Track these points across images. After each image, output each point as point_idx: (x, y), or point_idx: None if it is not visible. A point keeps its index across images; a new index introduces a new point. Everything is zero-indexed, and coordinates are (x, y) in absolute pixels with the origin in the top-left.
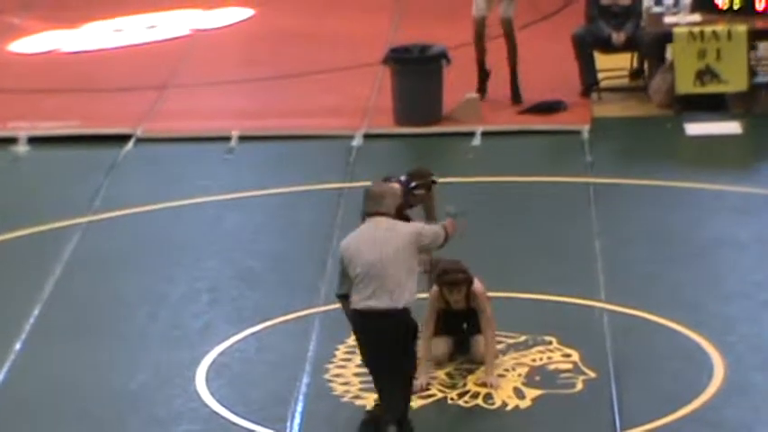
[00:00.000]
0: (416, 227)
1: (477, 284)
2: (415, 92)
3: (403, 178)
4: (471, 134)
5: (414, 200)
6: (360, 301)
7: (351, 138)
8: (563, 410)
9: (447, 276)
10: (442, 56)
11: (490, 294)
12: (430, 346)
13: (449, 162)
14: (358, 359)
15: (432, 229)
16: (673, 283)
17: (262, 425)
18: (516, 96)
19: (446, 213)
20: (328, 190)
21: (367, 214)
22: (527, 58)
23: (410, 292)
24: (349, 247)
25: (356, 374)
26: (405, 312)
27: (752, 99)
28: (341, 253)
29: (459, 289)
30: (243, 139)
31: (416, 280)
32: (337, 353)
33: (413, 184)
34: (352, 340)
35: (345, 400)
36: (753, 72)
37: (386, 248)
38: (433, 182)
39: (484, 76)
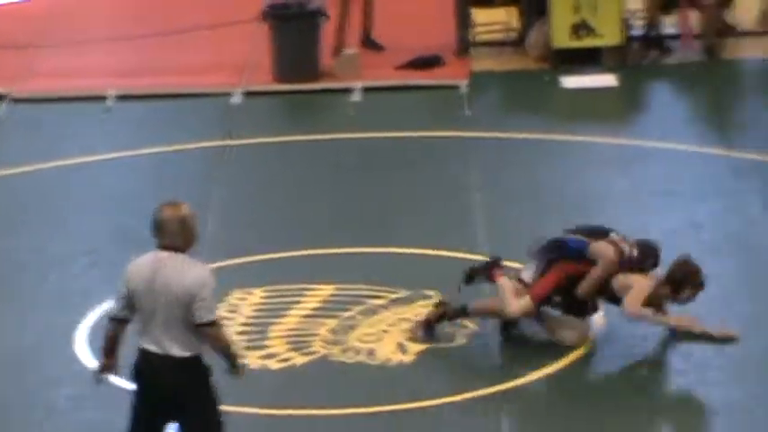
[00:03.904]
0: (210, 284)
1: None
2: (293, 48)
3: (636, 254)
4: (351, 90)
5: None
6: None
7: (230, 95)
8: (446, 364)
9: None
10: (320, 11)
11: (369, 250)
12: None
13: (329, 118)
14: (240, 318)
15: (213, 306)
16: (551, 235)
17: None
18: (372, 43)
19: None
20: (208, 148)
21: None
22: (407, 13)
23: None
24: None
25: (238, 333)
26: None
27: (626, 52)
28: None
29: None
30: (120, 98)
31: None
32: (219, 312)
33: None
34: (233, 299)
35: None
36: (627, 25)
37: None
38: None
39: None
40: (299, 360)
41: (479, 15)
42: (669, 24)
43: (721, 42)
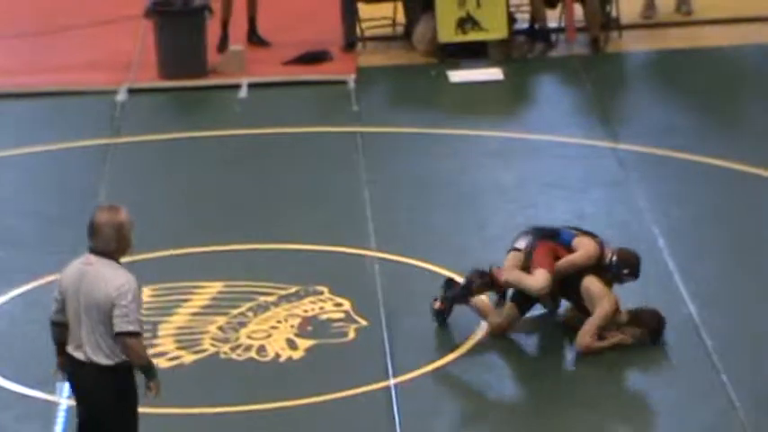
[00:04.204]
0: (131, 294)
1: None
2: (178, 45)
3: (615, 259)
4: (237, 86)
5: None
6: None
7: (115, 93)
8: (336, 359)
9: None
10: (205, 8)
11: (258, 247)
12: None
13: (215, 115)
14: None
15: (137, 313)
16: (440, 230)
17: (30, 386)
18: (258, 39)
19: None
20: (93, 147)
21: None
22: (293, 8)
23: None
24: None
25: None
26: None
27: (512, 46)
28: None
29: None
30: (1, 97)
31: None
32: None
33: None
34: None
35: None
36: (512, 19)
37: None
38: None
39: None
40: (188, 358)
41: (366, 10)
42: (554, 18)
43: (605, 36)
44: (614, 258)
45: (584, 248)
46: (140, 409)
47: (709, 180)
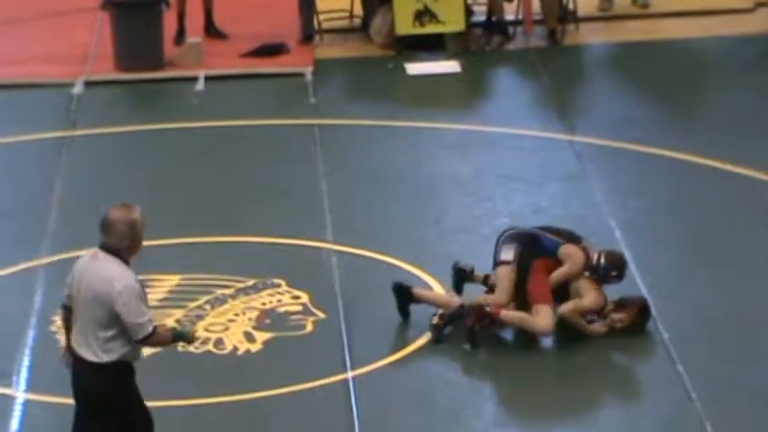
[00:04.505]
0: (133, 296)
1: None
2: (135, 37)
3: (603, 262)
4: (195, 79)
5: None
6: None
7: (71, 85)
8: (293, 352)
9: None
10: (162, 0)
11: (216, 239)
12: None
13: (173, 107)
14: None
15: (144, 314)
16: (397, 222)
17: None
18: (215, 31)
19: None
20: (49, 139)
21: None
22: (250, 1)
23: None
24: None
25: None
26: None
27: (469, 38)
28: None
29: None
30: None
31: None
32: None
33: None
34: None
35: None
36: (469, 11)
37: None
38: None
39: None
40: (145, 351)
41: (323, 2)
42: (511, 11)
43: (563, 28)
44: (602, 261)
45: (572, 260)
46: None
47: (665, 172)
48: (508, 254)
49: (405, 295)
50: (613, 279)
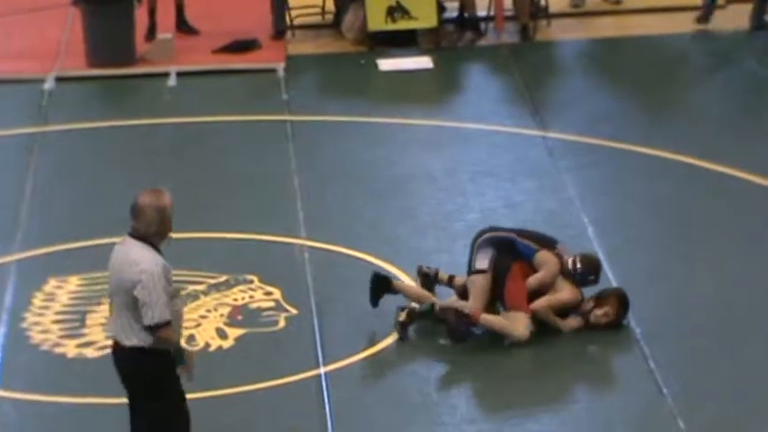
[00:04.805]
0: (150, 281)
1: None
2: (106, 33)
3: (580, 267)
4: (166, 75)
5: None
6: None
7: (42, 81)
8: (266, 348)
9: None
10: None
11: (189, 235)
12: None
13: (145, 103)
14: (56, 306)
15: (156, 301)
16: (370, 218)
17: None
18: (187, 27)
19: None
20: (20, 135)
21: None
22: None
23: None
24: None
25: (55, 322)
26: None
27: (441, 34)
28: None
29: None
30: None
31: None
32: (35, 300)
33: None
34: (49, 287)
35: (44, 348)
36: (441, 7)
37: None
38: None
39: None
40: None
41: None
42: (483, 7)
43: (535, 24)
44: (579, 266)
45: (547, 268)
46: (66, 399)
47: (638, 168)
48: (483, 262)
49: (382, 284)
50: (591, 282)
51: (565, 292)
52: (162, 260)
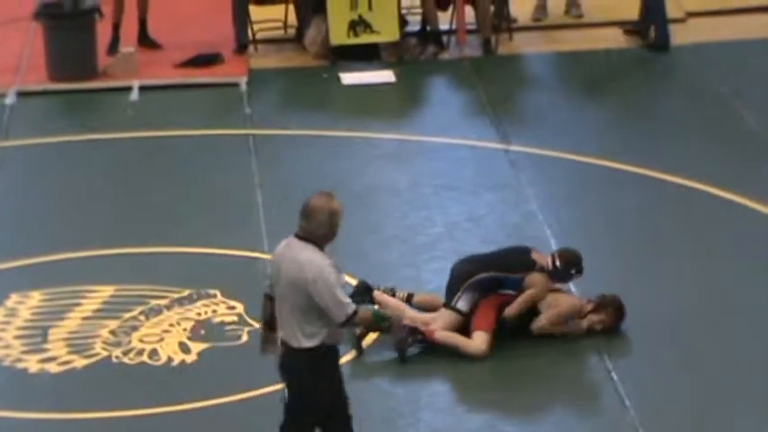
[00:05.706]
0: (325, 284)
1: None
2: (68, 47)
3: (560, 264)
4: (129, 89)
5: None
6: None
7: (3, 96)
8: (229, 362)
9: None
10: (95, 10)
11: (151, 250)
12: None
13: (107, 118)
14: (18, 321)
15: (340, 297)
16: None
17: None
18: (149, 41)
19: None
20: None
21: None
22: (184, 11)
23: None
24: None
25: (17, 337)
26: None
27: (403, 48)
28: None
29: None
30: None
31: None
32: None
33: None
34: (11, 302)
35: (6, 363)
36: (403, 21)
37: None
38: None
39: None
40: (80, 363)
41: (257, 12)
42: (445, 20)
43: (497, 38)
44: (558, 263)
45: (536, 285)
46: (24, 415)
47: (600, 181)
48: (465, 304)
49: (363, 293)
50: (575, 276)
51: (563, 306)
52: (328, 260)
